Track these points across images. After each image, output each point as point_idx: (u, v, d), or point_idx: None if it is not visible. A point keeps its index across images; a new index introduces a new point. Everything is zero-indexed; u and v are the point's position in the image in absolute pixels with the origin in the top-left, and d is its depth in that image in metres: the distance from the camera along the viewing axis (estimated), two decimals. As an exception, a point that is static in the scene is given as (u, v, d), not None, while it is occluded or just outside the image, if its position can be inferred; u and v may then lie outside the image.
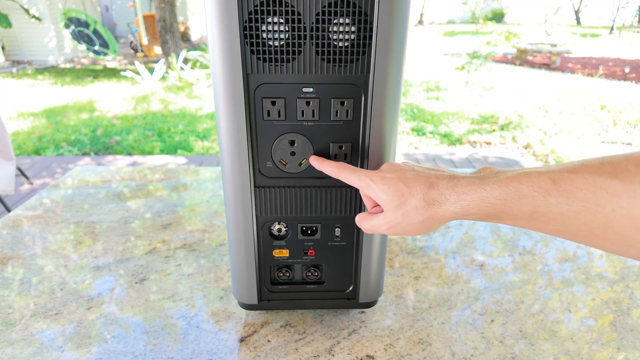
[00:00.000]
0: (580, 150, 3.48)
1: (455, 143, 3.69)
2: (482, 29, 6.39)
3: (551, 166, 0.31)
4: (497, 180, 0.33)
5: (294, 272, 0.52)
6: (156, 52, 8.67)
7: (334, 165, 0.42)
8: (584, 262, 0.69)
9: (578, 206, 0.28)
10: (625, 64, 7.52)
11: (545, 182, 0.30)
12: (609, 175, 0.27)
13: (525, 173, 0.31)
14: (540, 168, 0.31)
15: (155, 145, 3.58)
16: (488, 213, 0.33)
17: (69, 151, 3.49)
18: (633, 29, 13.92)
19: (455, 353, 0.50)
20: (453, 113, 4.54)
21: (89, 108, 4.73)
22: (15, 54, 7.76)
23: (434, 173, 0.37)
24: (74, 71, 7.07)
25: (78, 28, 6.82)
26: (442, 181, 0.35)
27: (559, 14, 16.31)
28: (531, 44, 8.01)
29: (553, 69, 7.18)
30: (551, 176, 0.30)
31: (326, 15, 0.39)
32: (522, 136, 3.83)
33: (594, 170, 0.28)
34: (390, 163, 0.41)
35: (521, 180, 0.31)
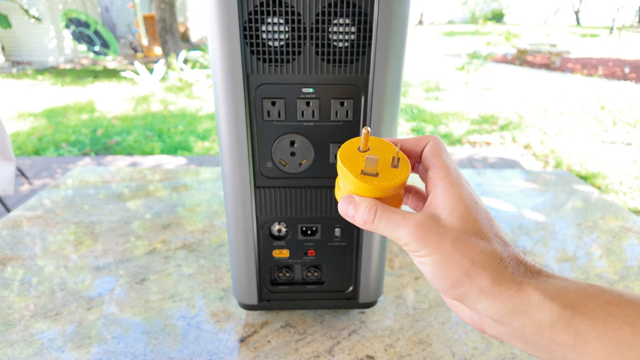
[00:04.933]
0: (580, 151, 3.48)
1: (455, 143, 3.69)
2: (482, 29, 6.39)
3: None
4: (601, 325, 0.21)
5: (294, 272, 0.52)
6: (156, 53, 8.67)
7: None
8: (583, 262, 0.69)
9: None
10: (625, 64, 7.53)
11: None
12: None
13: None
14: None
15: (155, 146, 3.58)
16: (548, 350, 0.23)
17: (69, 152, 3.49)
18: (633, 29, 13.92)
19: (456, 353, 0.50)
20: (453, 113, 4.54)
21: (89, 108, 4.73)
22: (15, 54, 7.77)
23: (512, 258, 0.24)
24: (74, 72, 7.07)
25: (78, 28, 6.82)
26: (526, 287, 0.23)
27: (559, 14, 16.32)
28: (531, 44, 8.02)
29: (553, 69, 7.18)
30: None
31: (326, 16, 0.39)
32: (522, 136, 3.83)
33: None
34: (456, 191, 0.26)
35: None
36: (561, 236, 0.77)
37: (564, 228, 0.79)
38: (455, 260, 0.24)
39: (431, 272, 0.24)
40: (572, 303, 0.21)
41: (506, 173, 1.04)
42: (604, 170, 3.09)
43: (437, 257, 0.24)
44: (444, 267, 0.24)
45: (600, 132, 3.97)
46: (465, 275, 0.24)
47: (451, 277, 0.24)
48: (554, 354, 0.22)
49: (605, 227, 0.80)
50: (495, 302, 0.23)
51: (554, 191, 0.95)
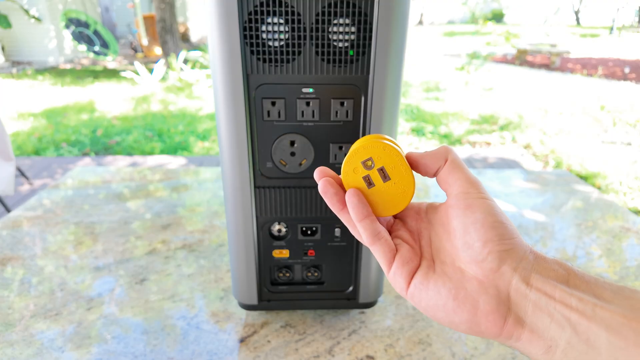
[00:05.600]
0: (580, 151, 3.48)
1: (455, 143, 3.69)
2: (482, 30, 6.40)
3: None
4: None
5: (294, 272, 0.52)
6: (156, 53, 8.67)
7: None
8: (583, 262, 0.69)
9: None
10: (625, 64, 7.53)
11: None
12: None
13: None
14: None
15: (155, 146, 3.58)
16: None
17: (69, 152, 3.49)
18: (633, 29, 13.93)
19: (456, 353, 0.50)
20: (453, 113, 4.54)
21: (89, 109, 4.73)
22: (15, 54, 7.77)
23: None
24: (74, 72, 7.07)
25: (78, 29, 6.82)
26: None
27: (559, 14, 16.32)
28: (531, 45, 8.02)
29: (553, 69, 7.19)
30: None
31: (326, 16, 0.39)
32: (522, 136, 3.84)
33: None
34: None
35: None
36: (561, 236, 0.77)
37: (564, 228, 0.79)
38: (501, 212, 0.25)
39: (492, 216, 0.24)
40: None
41: (506, 173, 1.04)
42: (604, 170, 3.09)
43: (495, 203, 0.25)
44: (502, 212, 0.24)
45: (600, 132, 3.97)
46: (511, 224, 0.24)
47: (511, 225, 0.24)
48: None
49: (605, 227, 0.80)
50: (539, 260, 0.23)
51: (553, 191, 0.95)
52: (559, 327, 0.21)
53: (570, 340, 0.21)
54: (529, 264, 0.23)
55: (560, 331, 0.21)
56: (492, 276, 0.23)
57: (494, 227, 0.23)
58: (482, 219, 0.23)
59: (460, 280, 0.24)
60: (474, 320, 0.23)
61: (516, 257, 0.23)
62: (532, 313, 0.22)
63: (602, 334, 0.20)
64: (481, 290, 0.23)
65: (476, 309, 0.23)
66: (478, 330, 0.24)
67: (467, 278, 0.24)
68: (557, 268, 0.23)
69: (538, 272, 0.22)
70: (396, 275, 0.26)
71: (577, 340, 0.20)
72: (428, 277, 0.25)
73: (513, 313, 0.23)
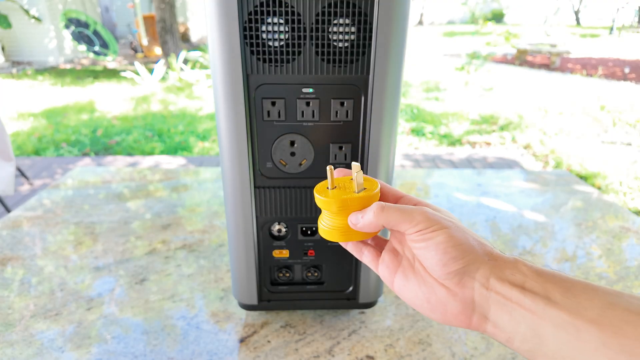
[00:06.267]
0: (580, 151, 3.48)
1: (455, 143, 3.69)
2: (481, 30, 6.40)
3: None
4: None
5: (294, 272, 0.52)
6: (156, 53, 8.67)
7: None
8: (583, 262, 0.69)
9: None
10: (624, 65, 7.53)
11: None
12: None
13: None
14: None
15: (155, 146, 3.58)
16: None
17: (69, 152, 3.49)
18: (633, 29, 13.93)
19: (456, 353, 0.50)
20: (453, 113, 4.54)
21: (89, 109, 4.73)
22: (15, 54, 7.77)
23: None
24: (74, 72, 7.07)
25: (78, 29, 6.82)
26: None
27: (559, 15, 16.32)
28: (531, 45, 8.02)
29: (553, 70, 7.19)
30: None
31: (326, 16, 0.39)
32: (522, 136, 3.84)
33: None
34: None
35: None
36: (561, 236, 0.77)
37: (564, 228, 0.79)
38: (466, 231, 0.28)
39: (444, 243, 0.27)
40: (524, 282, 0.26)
41: (506, 173, 1.04)
42: (604, 170, 3.09)
43: (452, 228, 0.28)
44: (458, 234, 0.28)
45: (600, 132, 3.97)
46: (475, 241, 0.28)
47: (466, 242, 0.27)
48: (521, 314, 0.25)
49: (605, 227, 0.80)
50: (497, 265, 0.27)
51: (554, 191, 0.95)
52: (516, 323, 0.25)
53: (525, 334, 0.25)
54: (487, 271, 0.27)
55: (517, 326, 0.25)
56: (456, 287, 0.27)
57: (446, 252, 0.27)
58: (434, 249, 0.27)
59: (432, 286, 0.28)
60: (445, 319, 0.28)
61: (473, 269, 0.27)
62: (493, 312, 0.26)
63: (550, 329, 0.23)
64: (449, 297, 0.28)
65: (446, 311, 0.28)
66: (451, 323, 0.28)
67: (438, 285, 0.28)
68: (513, 272, 0.26)
69: (496, 277, 0.26)
70: (381, 272, 0.32)
71: (530, 334, 0.24)
72: (407, 277, 0.30)
73: (477, 312, 0.27)
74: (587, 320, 0.22)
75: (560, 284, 0.25)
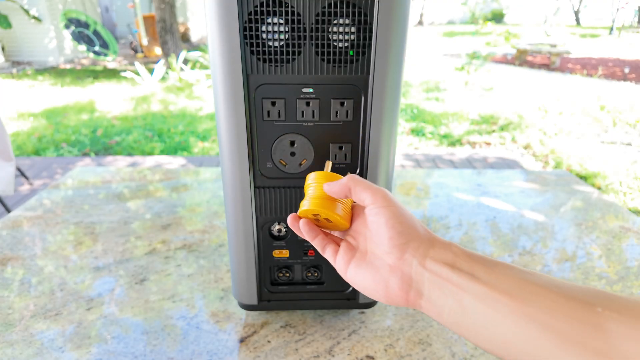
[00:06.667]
0: (580, 151, 3.48)
1: (455, 144, 3.69)
2: (481, 30, 6.39)
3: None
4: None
5: (293, 272, 0.52)
6: (156, 53, 8.67)
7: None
8: (583, 262, 0.69)
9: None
10: (624, 65, 7.53)
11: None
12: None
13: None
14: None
15: (155, 146, 3.58)
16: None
17: (69, 152, 3.49)
18: (632, 29, 13.93)
19: (456, 353, 0.50)
20: (453, 113, 4.54)
21: (89, 109, 4.73)
22: (15, 54, 7.77)
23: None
24: (74, 72, 7.07)
25: (78, 29, 6.82)
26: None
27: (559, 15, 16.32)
28: (531, 45, 8.02)
29: (553, 70, 7.19)
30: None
31: (326, 16, 0.39)
32: (522, 136, 3.84)
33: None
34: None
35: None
36: (561, 236, 0.77)
37: (564, 228, 0.79)
38: (414, 217, 0.33)
39: (393, 218, 0.32)
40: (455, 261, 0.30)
41: (506, 173, 1.04)
42: (604, 170, 3.10)
43: (402, 208, 0.33)
44: (405, 214, 0.32)
45: (600, 132, 3.97)
46: (420, 224, 0.33)
47: (411, 222, 0.32)
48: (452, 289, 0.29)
49: (605, 227, 0.80)
50: (434, 247, 0.30)
51: (553, 191, 0.95)
52: (445, 297, 0.28)
53: (452, 307, 0.28)
54: (425, 251, 0.30)
55: (445, 300, 0.28)
56: (398, 263, 0.31)
57: (394, 227, 0.31)
58: (384, 222, 0.31)
59: (378, 267, 0.32)
60: (387, 295, 0.32)
61: (414, 247, 0.31)
62: (427, 288, 0.29)
63: (472, 301, 0.27)
64: (391, 273, 0.31)
65: (387, 287, 0.31)
66: (391, 301, 0.32)
67: (383, 265, 0.32)
68: (446, 253, 0.30)
69: (431, 257, 0.30)
70: (337, 264, 0.35)
71: (456, 306, 0.28)
72: (359, 265, 0.34)
73: (414, 289, 0.30)
74: (502, 292, 0.26)
75: (485, 264, 0.28)
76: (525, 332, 0.24)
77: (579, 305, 0.23)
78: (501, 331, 0.25)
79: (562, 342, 0.23)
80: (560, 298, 0.24)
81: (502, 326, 0.25)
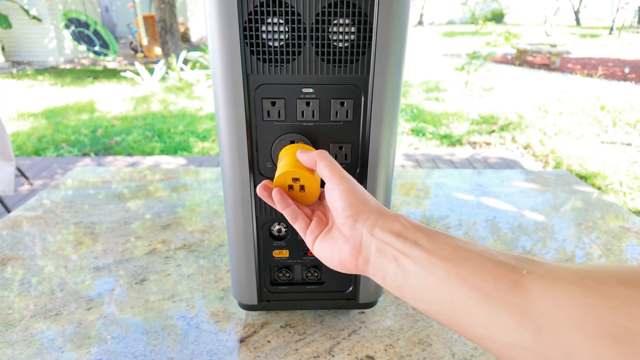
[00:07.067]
0: (580, 151, 3.48)
1: (455, 144, 3.69)
2: (481, 30, 6.39)
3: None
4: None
5: (293, 272, 0.52)
6: (156, 53, 8.67)
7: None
8: (582, 262, 0.69)
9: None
10: (624, 65, 7.53)
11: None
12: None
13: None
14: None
15: (155, 146, 3.58)
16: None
17: (69, 152, 3.49)
18: (632, 29, 13.93)
19: (456, 353, 0.50)
20: (453, 114, 4.54)
21: (89, 109, 4.73)
22: (15, 54, 7.77)
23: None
24: (74, 72, 7.07)
25: (78, 29, 6.82)
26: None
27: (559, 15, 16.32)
28: (531, 45, 8.02)
29: (553, 70, 7.19)
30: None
31: (326, 16, 0.39)
32: (522, 137, 3.84)
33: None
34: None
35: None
36: (561, 236, 0.77)
37: (564, 228, 0.79)
38: (367, 193, 0.36)
39: (346, 191, 0.34)
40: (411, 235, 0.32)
41: (506, 173, 1.04)
42: (604, 170, 3.10)
43: (355, 184, 0.36)
44: (358, 189, 0.35)
45: (600, 132, 3.97)
46: (372, 199, 0.35)
47: (363, 196, 0.35)
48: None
49: (605, 227, 0.80)
50: (383, 217, 0.33)
51: (553, 191, 0.95)
52: (389, 262, 0.31)
53: (395, 271, 0.30)
54: (374, 221, 0.33)
55: (389, 265, 0.31)
56: (350, 232, 0.33)
57: (346, 199, 0.34)
58: (338, 195, 0.34)
59: (336, 238, 0.35)
60: (340, 263, 0.34)
61: (364, 217, 0.33)
62: (374, 255, 0.32)
63: (412, 265, 0.29)
64: (345, 242, 0.34)
65: (341, 255, 0.34)
66: (344, 267, 0.34)
67: (340, 235, 0.34)
68: (394, 223, 0.32)
69: (379, 226, 0.32)
70: (307, 239, 0.38)
71: (398, 270, 0.30)
72: (324, 238, 0.36)
73: (363, 255, 0.33)
74: (440, 257, 0.28)
75: (428, 234, 0.31)
76: (456, 293, 0.27)
77: (507, 269, 0.26)
78: (437, 293, 0.28)
79: (487, 299, 0.25)
80: (490, 263, 0.27)
81: (438, 288, 0.28)
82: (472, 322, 0.26)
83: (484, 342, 0.26)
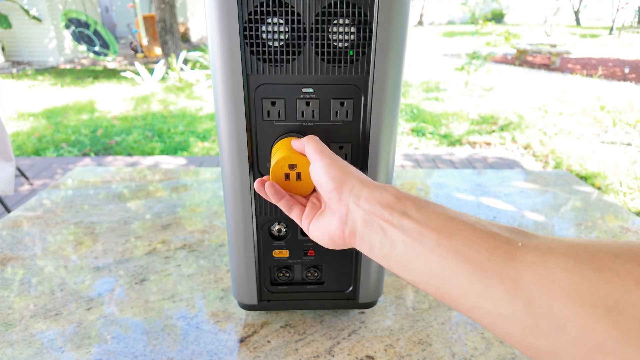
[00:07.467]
0: (580, 151, 3.48)
1: (455, 144, 3.69)
2: (481, 30, 6.39)
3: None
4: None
5: (293, 272, 0.52)
6: (156, 53, 8.67)
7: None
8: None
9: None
10: (624, 65, 7.53)
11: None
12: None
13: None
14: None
15: (155, 146, 3.58)
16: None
17: (69, 152, 3.49)
18: (632, 29, 13.93)
19: (455, 353, 0.50)
20: (453, 114, 4.54)
21: (89, 109, 4.73)
22: (16, 54, 7.77)
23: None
24: (74, 72, 7.07)
25: (78, 29, 6.82)
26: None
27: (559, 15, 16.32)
28: (531, 45, 8.02)
29: (553, 70, 7.19)
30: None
31: (326, 16, 0.39)
32: (522, 137, 3.84)
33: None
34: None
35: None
36: (561, 236, 0.77)
37: (564, 228, 0.79)
38: (351, 166, 0.36)
39: (326, 166, 0.34)
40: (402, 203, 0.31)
41: (506, 173, 1.04)
42: (604, 170, 3.10)
43: (336, 158, 0.36)
44: (340, 162, 0.35)
45: (600, 132, 3.97)
46: (355, 170, 0.35)
47: (345, 168, 0.34)
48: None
49: (605, 227, 0.80)
50: (368, 187, 0.32)
51: (553, 191, 0.95)
52: (376, 233, 0.30)
53: (382, 241, 0.30)
54: (359, 191, 0.32)
55: (376, 235, 0.30)
56: (337, 206, 0.33)
57: (328, 173, 0.34)
58: (320, 171, 0.35)
59: (326, 214, 0.35)
60: (330, 237, 0.34)
61: (349, 187, 0.33)
62: (360, 225, 0.31)
63: (400, 235, 0.29)
64: (333, 216, 0.34)
65: (330, 230, 0.34)
66: (333, 243, 0.35)
67: (328, 211, 0.35)
68: (382, 192, 0.31)
69: (365, 197, 0.32)
70: (303, 224, 0.38)
71: (385, 241, 0.30)
72: (317, 219, 0.37)
73: (349, 227, 0.32)
74: (430, 228, 0.28)
75: (417, 204, 0.30)
76: (447, 264, 0.26)
77: (501, 240, 0.25)
78: (426, 263, 0.27)
79: (480, 271, 0.25)
80: (484, 234, 0.26)
81: (428, 259, 0.27)
82: (462, 292, 0.26)
83: (473, 313, 0.26)
